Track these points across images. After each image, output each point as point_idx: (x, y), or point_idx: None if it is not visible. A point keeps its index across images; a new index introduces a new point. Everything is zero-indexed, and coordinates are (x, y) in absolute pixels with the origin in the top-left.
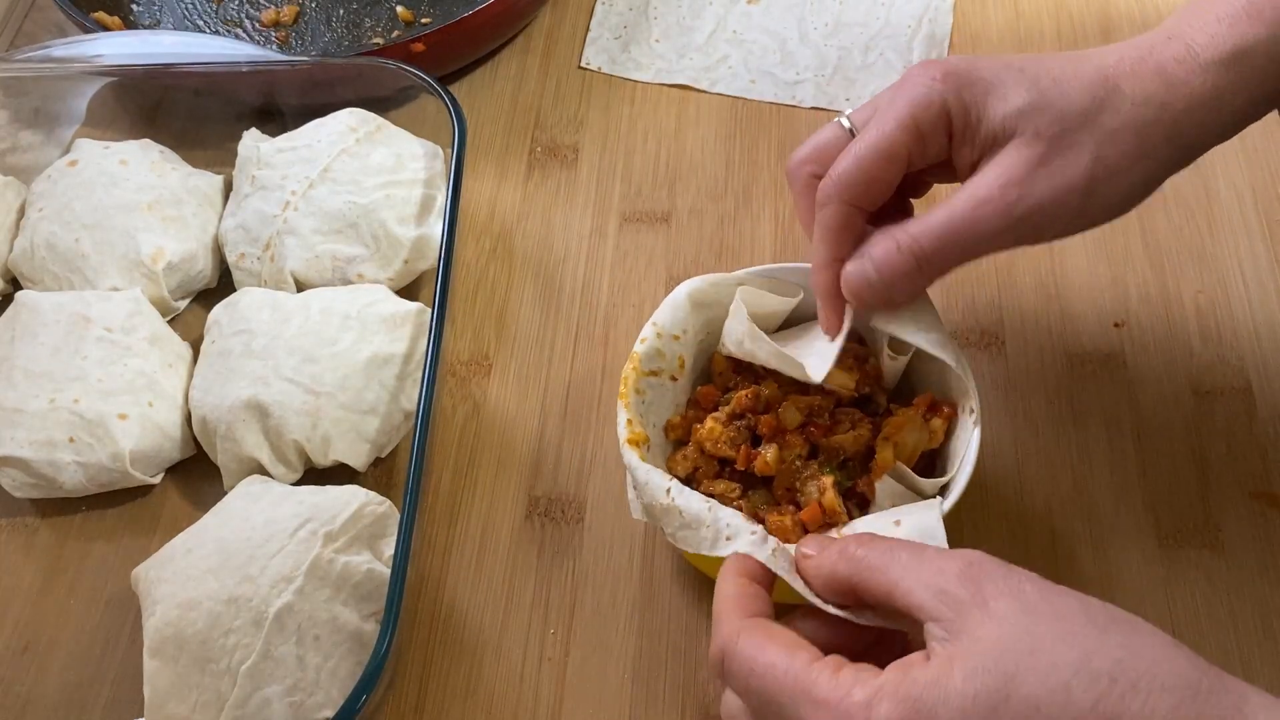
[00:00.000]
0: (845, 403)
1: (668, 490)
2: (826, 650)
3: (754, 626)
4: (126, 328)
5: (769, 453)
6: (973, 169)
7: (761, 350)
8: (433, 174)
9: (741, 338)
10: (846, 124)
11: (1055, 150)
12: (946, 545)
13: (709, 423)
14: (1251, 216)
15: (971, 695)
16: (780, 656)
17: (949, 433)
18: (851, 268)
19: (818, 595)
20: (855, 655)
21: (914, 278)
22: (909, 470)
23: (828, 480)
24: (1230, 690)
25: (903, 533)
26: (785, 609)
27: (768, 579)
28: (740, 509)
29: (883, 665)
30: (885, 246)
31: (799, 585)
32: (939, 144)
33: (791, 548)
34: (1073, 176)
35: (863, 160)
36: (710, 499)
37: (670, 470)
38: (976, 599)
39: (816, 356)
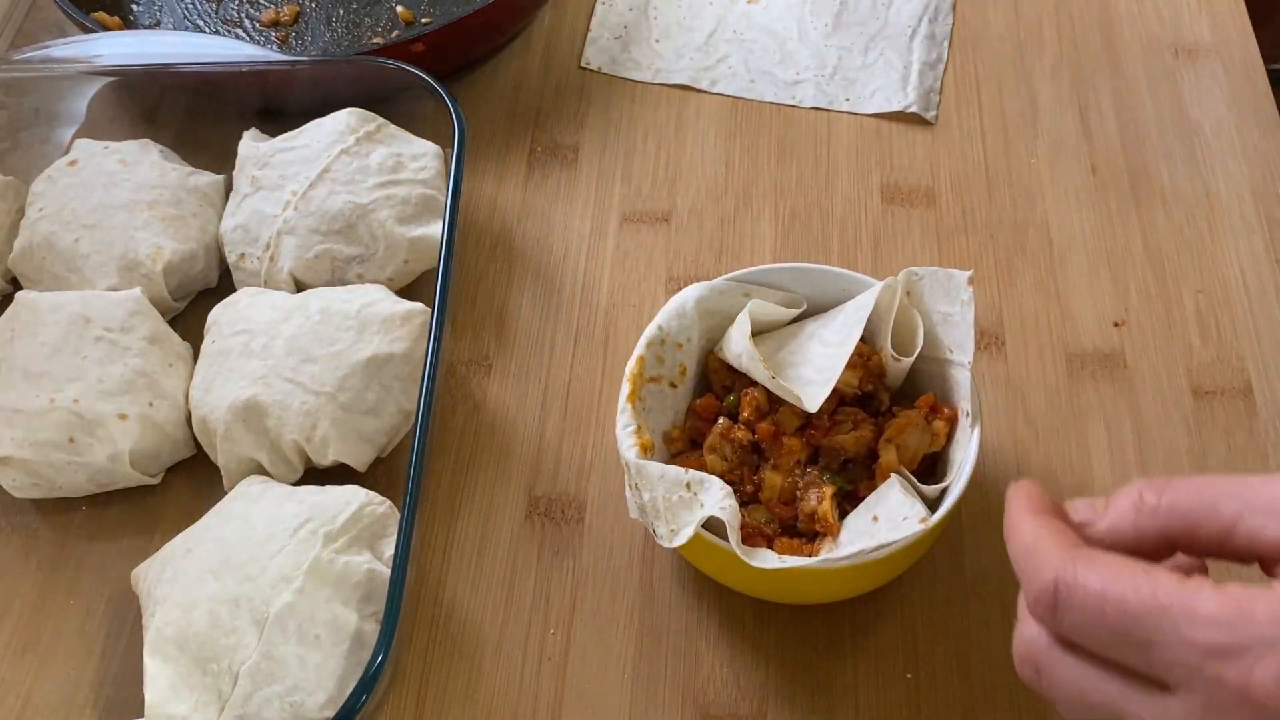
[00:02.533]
0: (848, 401)
1: (687, 485)
2: None
3: (1092, 555)
4: (126, 327)
5: (773, 480)
6: None
7: (758, 373)
8: (433, 174)
9: (740, 353)
10: None
11: None
12: (921, 519)
13: (709, 457)
14: (1251, 216)
15: None
16: (1142, 580)
17: (950, 435)
18: None
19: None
20: None
21: None
22: (909, 474)
23: (828, 490)
24: None
25: (882, 530)
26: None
27: (1059, 510)
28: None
29: None
30: None
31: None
32: None
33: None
34: None
35: None
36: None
37: None
38: None
39: (813, 370)
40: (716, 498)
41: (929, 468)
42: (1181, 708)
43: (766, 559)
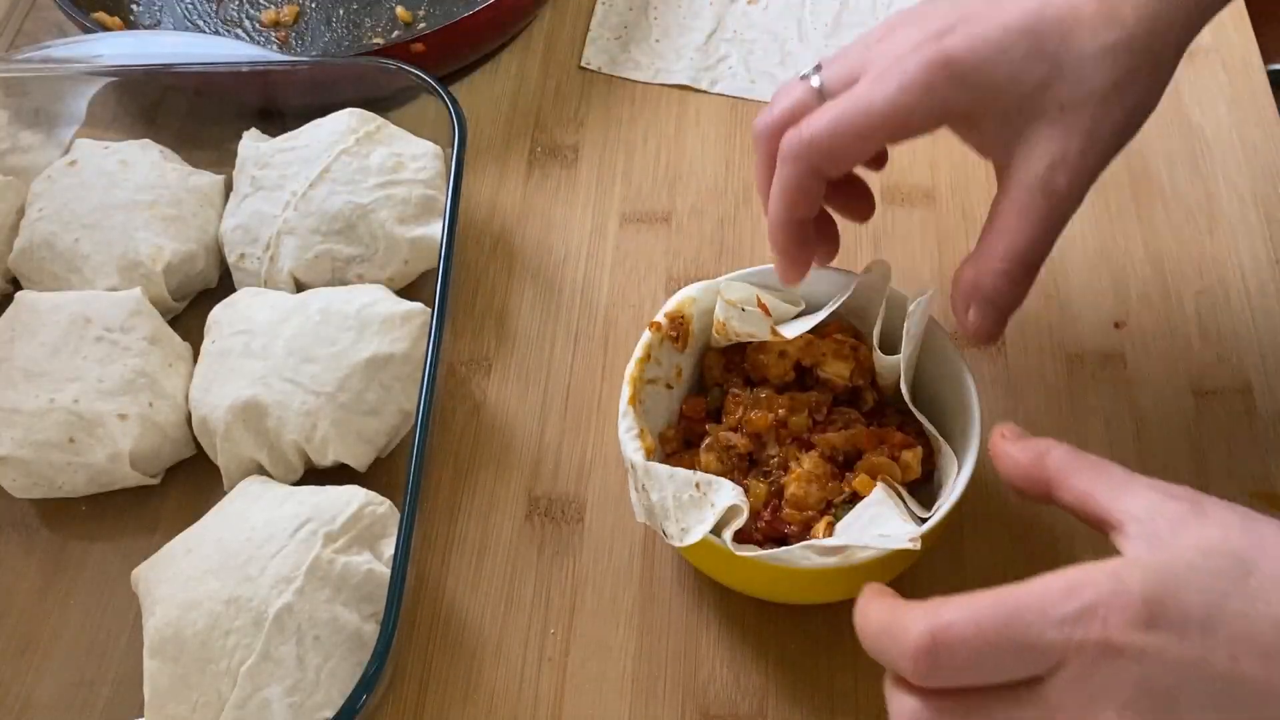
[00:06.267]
0: (841, 400)
1: (697, 485)
2: None
3: (943, 600)
4: (126, 328)
5: (759, 489)
6: (991, 141)
7: (732, 320)
8: (433, 174)
9: (717, 315)
10: (816, 83)
11: (1089, 115)
12: (911, 539)
13: (704, 458)
14: (1251, 216)
15: (1215, 569)
16: (995, 594)
17: (930, 459)
18: (974, 318)
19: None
20: None
21: (1026, 289)
22: (902, 489)
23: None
24: None
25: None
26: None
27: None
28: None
29: None
30: (996, 283)
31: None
32: (929, 128)
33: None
34: (1111, 130)
35: (841, 133)
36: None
37: None
38: (1195, 508)
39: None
40: (728, 496)
41: (929, 469)
42: (1059, 685)
43: (748, 551)
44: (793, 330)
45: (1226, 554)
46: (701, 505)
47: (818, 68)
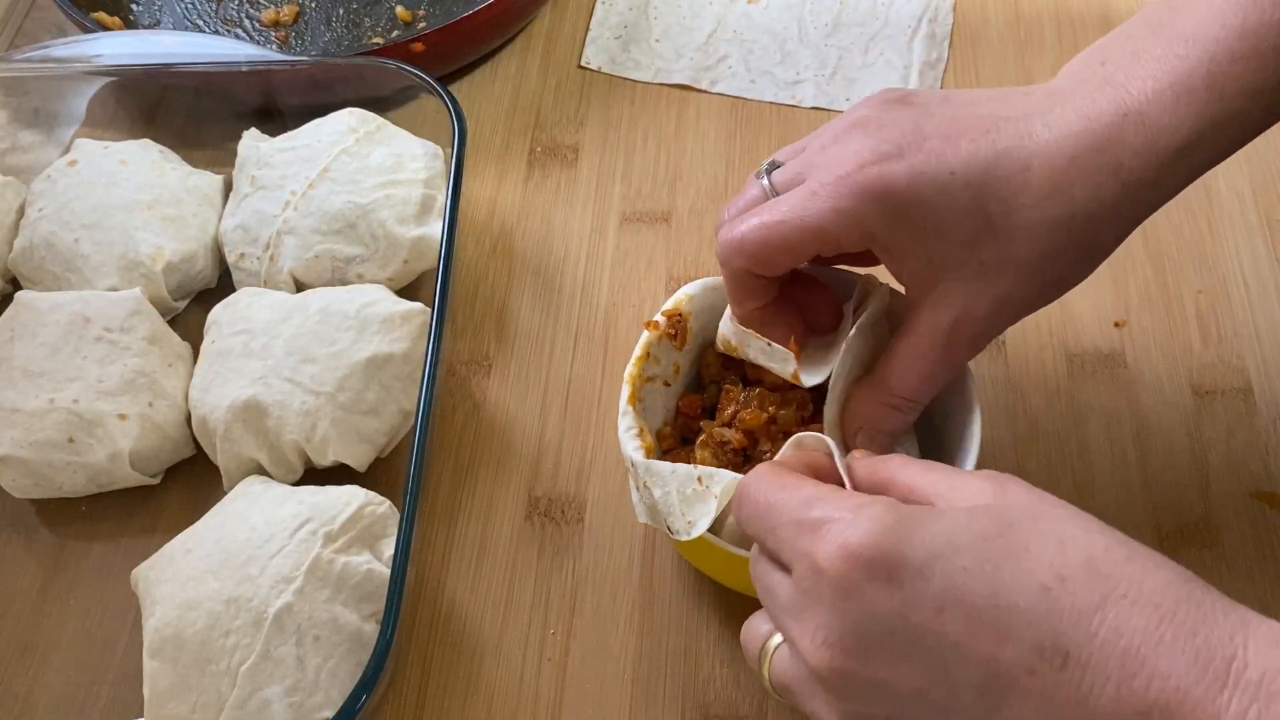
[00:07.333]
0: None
1: (699, 479)
2: None
3: (763, 468)
4: (126, 327)
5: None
6: (909, 275)
7: (751, 349)
8: (433, 174)
9: (728, 335)
10: (766, 184)
11: (1006, 281)
12: None
13: (699, 453)
14: (1251, 216)
15: (965, 523)
16: (781, 480)
17: (954, 431)
18: (862, 441)
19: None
20: None
21: (913, 418)
22: None
23: None
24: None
25: None
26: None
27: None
28: None
29: None
30: (886, 415)
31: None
32: (857, 248)
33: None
34: (1024, 299)
35: (768, 239)
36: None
37: None
38: (997, 485)
39: (809, 362)
40: (727, 479)
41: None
42: (789, 582)
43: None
44: (812, 378)
45: (990, 513)
46: (705, 498)
47: (771, 165)
